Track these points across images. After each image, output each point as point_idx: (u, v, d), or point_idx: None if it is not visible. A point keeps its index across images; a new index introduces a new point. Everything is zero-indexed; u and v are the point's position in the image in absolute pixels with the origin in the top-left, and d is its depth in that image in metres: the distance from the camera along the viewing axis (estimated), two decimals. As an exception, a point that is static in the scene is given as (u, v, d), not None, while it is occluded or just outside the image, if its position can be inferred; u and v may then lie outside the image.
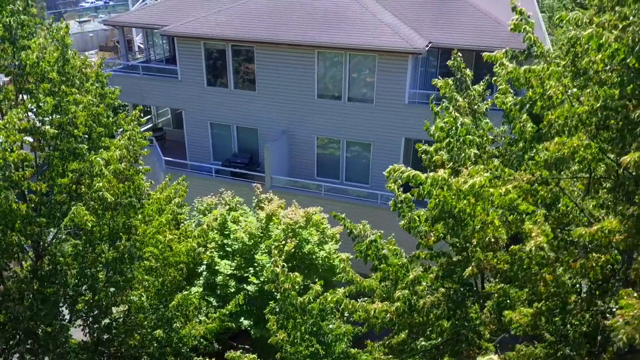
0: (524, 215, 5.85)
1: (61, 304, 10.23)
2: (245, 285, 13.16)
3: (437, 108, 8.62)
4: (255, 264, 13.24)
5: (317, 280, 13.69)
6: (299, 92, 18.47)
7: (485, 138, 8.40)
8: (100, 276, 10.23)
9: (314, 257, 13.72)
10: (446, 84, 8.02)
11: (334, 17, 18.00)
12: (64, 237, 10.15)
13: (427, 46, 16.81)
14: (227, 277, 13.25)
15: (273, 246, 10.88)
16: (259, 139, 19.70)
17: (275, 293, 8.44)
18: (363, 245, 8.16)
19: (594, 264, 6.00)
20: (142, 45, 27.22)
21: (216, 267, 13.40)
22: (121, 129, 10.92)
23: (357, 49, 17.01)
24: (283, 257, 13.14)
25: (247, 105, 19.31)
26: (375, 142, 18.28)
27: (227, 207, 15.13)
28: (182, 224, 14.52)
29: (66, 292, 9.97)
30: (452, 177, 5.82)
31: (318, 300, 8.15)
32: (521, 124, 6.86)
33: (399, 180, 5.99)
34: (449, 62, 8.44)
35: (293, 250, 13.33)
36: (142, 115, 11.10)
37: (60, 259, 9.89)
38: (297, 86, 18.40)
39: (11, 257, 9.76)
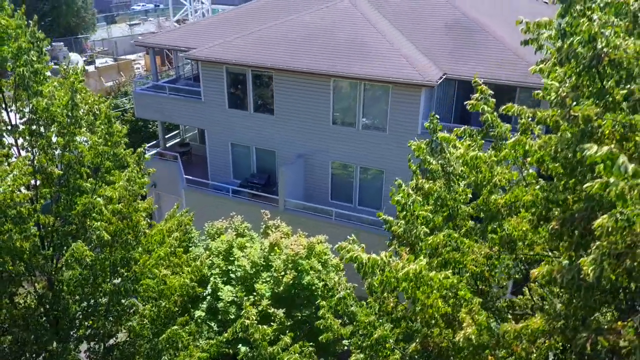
0: (462, 301, 5.99)
1: (66, 328, 11.04)
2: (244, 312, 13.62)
3: (414, 166, 8.82)
4: (255, 293, 13.70)
5: (314, 310, 14.15)
6: (315, 118, 18.84)
7: (464, 197, 8.51)
8: (102, 302, 10.97)
9: (313, 288, 14.05)
10: (419, 147, 8.19)
11: (351, 45, 18.24)
12: (72, 264, 10.88)
13: (440, 78, 16.82)
14: (228, 304, 13.77)
15: (245, 299, 11.30)
16: (277, 160, 20.20)
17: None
18: (333, 301, 8.46)
19: (535, 350, 6.09)
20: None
21: (219, 293, 13.95)
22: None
23: (371, 80, 17.21)
24: (282, 287, 13.66)
25: (266, 128, 19.84)
26: (388, 170, 18.40)
27: (235, 232, 15.66)
28: (191, 249, 15.22)
29: (68, 319, 10.73)
30: (393, 259, 6.03)
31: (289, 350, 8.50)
32: (484, 198, 6.98)
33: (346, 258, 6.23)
34: (426, 125, 8.59)
35: (292, 281, 13.75)
36: (146, 151, 11.74)
37: (65, 287, 10.65)
38: (313, 112, 18.76)
39: (19, 285, 10.63)
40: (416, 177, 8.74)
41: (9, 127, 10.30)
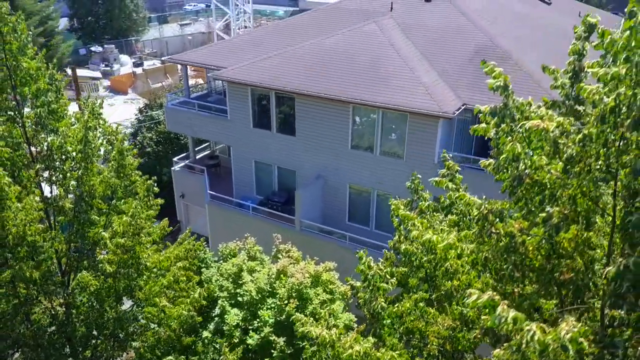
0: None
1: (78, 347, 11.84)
2: (248, 337, 14.09)
3: (396, 222, 8.91)
4: (258, 319, 14.12)
5: (317, 339, 14.44)
6: (334, 141, 19.07)
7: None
8: (108, 325, 11.67)
9: (316, 317, 14.31)
10: (397, 207, 8.30)
11: (373, 71, 18.31)
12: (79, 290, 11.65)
13: (458, 109, 16.66)
14: (233, 327, 14.26)
15: (225, 344, 11.71)
16: (297, 180, 20.56)
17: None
18: (308, 352, 8.72)
19: None
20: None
21: (225, 316, 14.46)
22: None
23: (388, 108, 17.26)
24: (284, 315, 14.01)
25: (287, 148, 20.23)
26: (404, 197, 18.37)
27: (247, 254, 16.12)
28: (203, 270, 15.80)
29: (76, 340, 11.50)
30: (343, 336, 6.23)
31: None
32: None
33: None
34: (407, 184, 8.68)
35: (294, 310, 14.06)
36: (155, 184, 12.36)
37: (73, 311, 11.42)
38: (333, 135, 18.99)
39: (34, 304, 11.49)
40: (398, 234, 8.87)
41: (29, 162, 11.12)
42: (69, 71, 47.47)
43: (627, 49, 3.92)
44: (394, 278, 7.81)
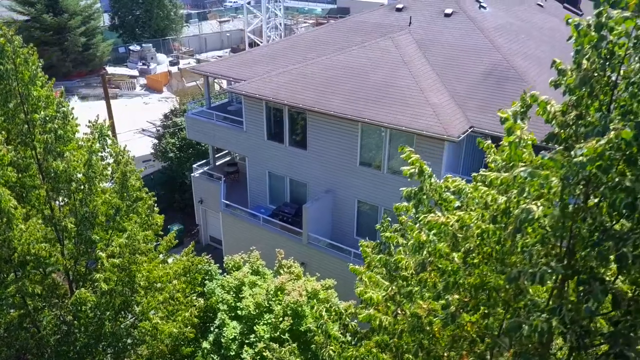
0: None
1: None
2: (243, 351, 14.64)
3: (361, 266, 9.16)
4: (254, 334, 14.64)
5: (310, 357, 14.87)
6: (343, 157, 19.34)
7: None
8: (107, 335, 12.42)
9: (310, 334, 14.71)
10: (364, 251, 8.56)
11: (383, 89, 18.45)
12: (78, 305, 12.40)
13: (465, 132, 16.63)
14: (230, 341, 14.83)
15: None
16: (308, 192, 20.96)
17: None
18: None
19: None
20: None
21: (224, 328, 15.05)
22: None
23: (395, 129, 17.38)
24: (278, 332, 14.49)
25: (299, 162, 20.63)
26: (410, 215, 18.50)
27: (250, 268, 16.65)
28: (207, 282, 16.43)
29: (76, 350, 12.30)
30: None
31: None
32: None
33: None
34: (377, 227, 8.92)
35: (288, 327, 14.50)
36: (156, 204, 13.00)
37: (75, 322, 12.20)
38: (342, 152, 19.27)
39: (39, 314, 12.34)
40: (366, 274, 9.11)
41: (39, 183, 11.92)
42: (107, 69, 49.40)
43: (511, 159, 4.12)
44: (355, 320, 8.09)
